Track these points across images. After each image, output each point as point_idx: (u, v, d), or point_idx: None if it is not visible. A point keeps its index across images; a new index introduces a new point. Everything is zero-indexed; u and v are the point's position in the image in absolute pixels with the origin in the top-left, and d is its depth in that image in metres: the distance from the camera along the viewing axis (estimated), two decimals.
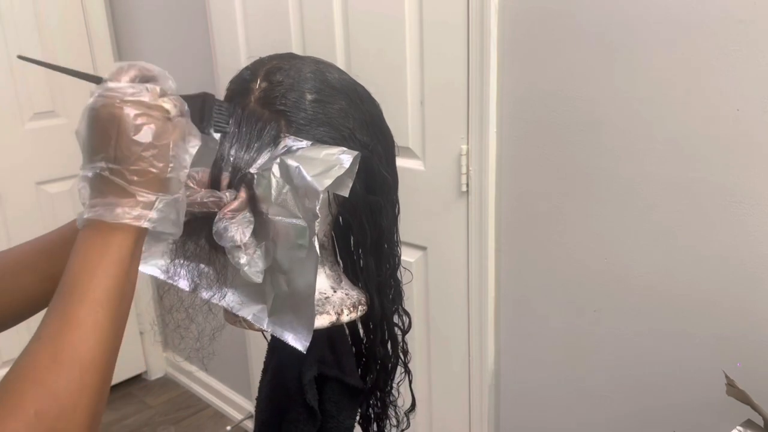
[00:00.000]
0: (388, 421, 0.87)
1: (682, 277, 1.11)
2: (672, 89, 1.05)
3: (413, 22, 1.35)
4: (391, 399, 0.86)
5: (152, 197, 0.53)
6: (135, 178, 0.52)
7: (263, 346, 0.84)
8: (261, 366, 0.85)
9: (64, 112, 2.29)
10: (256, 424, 0.83)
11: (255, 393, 2.38)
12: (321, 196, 0.59)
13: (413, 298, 1.51)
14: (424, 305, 1.53)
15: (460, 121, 1.33)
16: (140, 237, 0.54)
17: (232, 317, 0.70)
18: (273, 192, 0.61)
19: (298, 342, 0.64)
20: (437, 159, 1.40)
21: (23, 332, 0.70)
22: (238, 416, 2.35)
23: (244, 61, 1.83)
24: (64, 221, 2.40)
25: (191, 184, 0.62)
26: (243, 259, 0.62)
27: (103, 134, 0.53)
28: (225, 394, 2.42)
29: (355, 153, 0.62)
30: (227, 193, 0.62)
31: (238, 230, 0.61)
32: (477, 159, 1.32)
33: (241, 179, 0.63)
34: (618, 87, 1.11)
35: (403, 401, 0.89)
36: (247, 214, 0.62)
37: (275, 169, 0.62)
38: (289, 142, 0.63)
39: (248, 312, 0.68)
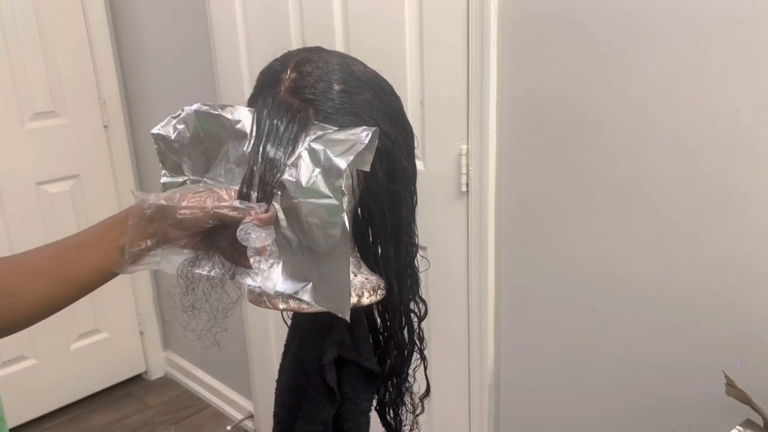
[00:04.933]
0: (403, 407, 0.89)
1: (682, 276, 1.11)
2: (672, 90, 1.05)
3: (413, 23, 1.35)
4: (407, 386, 0.88)
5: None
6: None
7: (263, 346, 0.85)
8: (261, 366, 0.86)
9: (64, 112, 2.29)
10: (276, 405, 0.85)
11: (255, 393, 2.38)
12: (345, 172, 0.62)
13: (421, 291, 1.51)
14: None
15: (460, 121, 1.33)
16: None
17: (256, 297, 0.72)
18: (303, 177, 0.64)
19: (339, 312, 0.67)
20: (437, 159, 1.40)
21: (24, 333, 0.70)
22: (238, 416, 2.35)
23: (244, 61, 1.83)
24: (65, 221, 2.39)
25: (224, 195, 0.64)
26: (264, 265, 0.64)
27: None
28: (225, 394, 2.42)
29: (374, 128, 0.65)
30: (258, 206, 0.64)
31: (260, 237, 0.63)
32: (477, 159, 1.32)
33: (270, 193, 0.65)
34: (618, 87, 1.11)
35: (418, 387, 0.90)
36: (272, 229, 0.64)
37: (305, 155, 0.65)
38: (317, 129, 0.66)
39: (288, 288, 0.70)
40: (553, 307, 1.31)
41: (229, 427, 2.32)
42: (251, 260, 0.64)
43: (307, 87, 0.68)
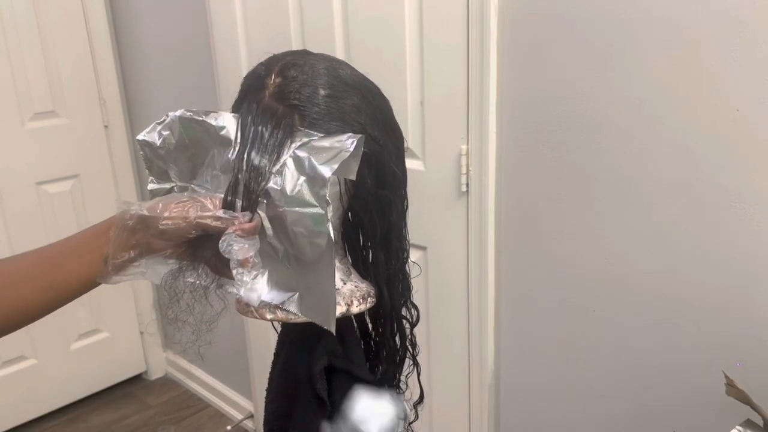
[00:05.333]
0: None
1: (682, 276, 1.11)
2: (672, 89, 1.05)
3: (413, 23, 1.35)
4: (399, 392, 0.87)
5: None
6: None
7: (263, 346, 0.85)
8: (261, 366, 0.85)
9: (64, 112, 2.29)
10: (266, 413, 0.84)
11: (255, 393, 2.37)
12: (329, 182, 0.61)
13: (413, 297, 1.51)
14: (424, 305, 1.53)
15: (460, 121, 1.33)
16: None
17: (243, 307, 0.71)
18: (288, 185, 0.62)
19: (325, 324, 0.66)
20: (437, 159, 1.40)
21: (24, 333, 0.70)
22: (238, 416, 2.35)
23: (244, 61, 1.83)
24: (65, 221, 2.39)
25: (208, 205, 0.63)
26: (246, 277, 0.63)
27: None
28: (225, 394, 2.42)
29: (359, 136, 0.63)
30: (242, 215, 0.63)
31: (242, 249, 0.62)
32: (477, 159, 1.32)
33: (255, 202, 0.64)
34: (618, 88, 1.11)
35: (411, 394, 0.89)
36: (256, 239, 0.63)
37: (290, 162, 0.63)
38: (302, 136, 0.65)
39: (274, 299, 0.69)
40: (552, 307, 1.31)
41: (229, 427, 2.32)
42: (233, 272, 0.63)
43: (292, 92, 0.66)
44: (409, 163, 1.42)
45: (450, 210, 1.41)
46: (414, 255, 1.50)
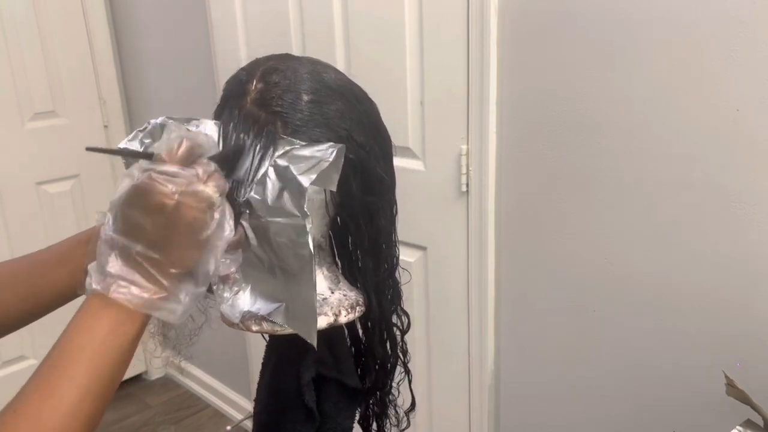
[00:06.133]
0: (388, 421, 0.87)
1: (682, 276, 1.11)
2: (672, 89, 1.05)
3: (413, 23, 1.35)
4: (390, 399, 0.86)
5: (182, 293, 0.52)
6: (172, 271, 0.52)
7: (263, 346, 0.84)
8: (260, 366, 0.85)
9: (64, 112, 2.29)
10: (255, 424, 0.83)
11: (255, 393, 2.38)
12: (307, 192, 0.59)
13: (413, 298, 1.51)
14: (424, 305, 1.53)
15: (460, 121, 1.33)
16: (148, 322, 0.53)
17: (229, 320, 0.70)
18: (269, 195, 0.61)
19: (307, 338, 0.64)
20: (437, 159, 1.40)
21: (24, 333, 0.69)
22: (238, 416, 2.35)
23: (244, 62, 1.83)
24: (64, 221, 2.38)
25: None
26: (227, 293, 0.62)
27: (147, 218, 0.51)
28: (225, 394, 2.42)
29: (340, 146, 0.61)
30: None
31: (223, 265, 0.60)
32: (477, 159, 1.32)
33: (238, 213, 0.62)
34: (618, 87, 1.11)
35: (403, 401, 0.89)
36: (238, 254, 0.62)
37: (271, 172, 0.61)
38: (285, 144, 0.63)
39: (260, 310, 0.68)
40: (552, 307, 1.31)
41: (229, 427, 2.32)
42: (214, 288, 0.61)
43: (275, 98, 0.64)
44: (409, 163, 1.43)
45: (450, 210, 1.41)
46: (414, 255, 1.50)
